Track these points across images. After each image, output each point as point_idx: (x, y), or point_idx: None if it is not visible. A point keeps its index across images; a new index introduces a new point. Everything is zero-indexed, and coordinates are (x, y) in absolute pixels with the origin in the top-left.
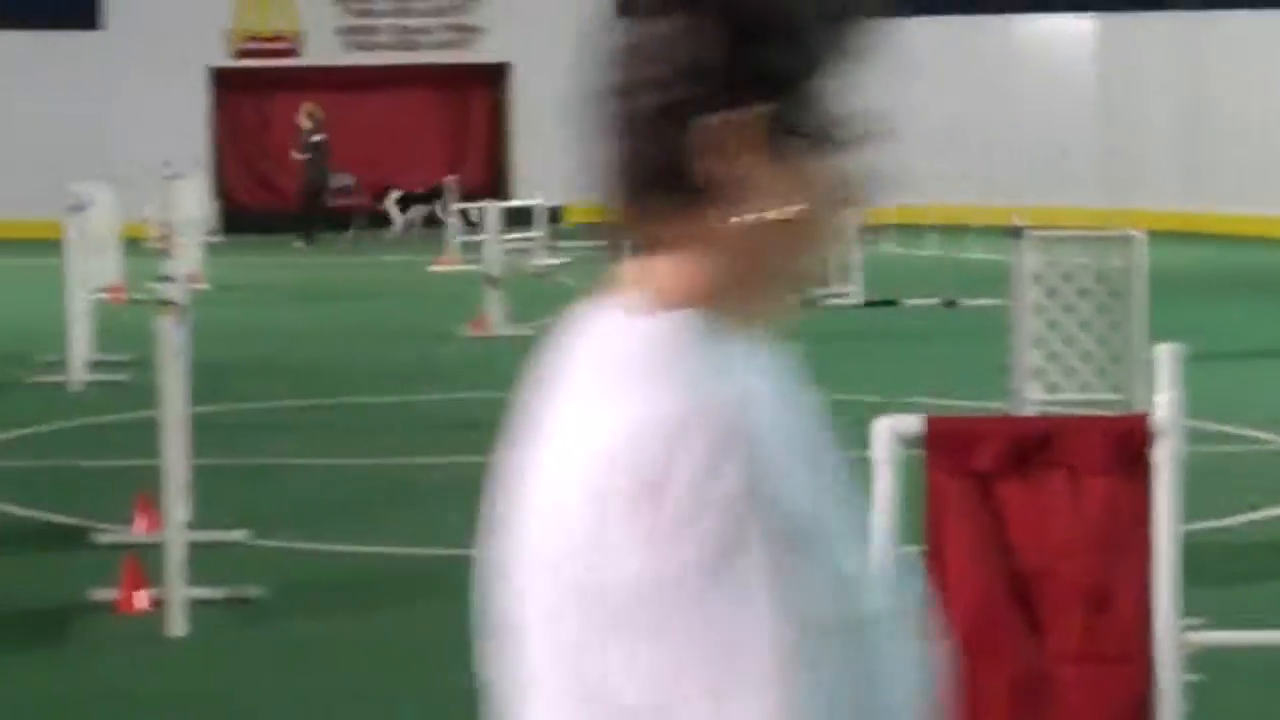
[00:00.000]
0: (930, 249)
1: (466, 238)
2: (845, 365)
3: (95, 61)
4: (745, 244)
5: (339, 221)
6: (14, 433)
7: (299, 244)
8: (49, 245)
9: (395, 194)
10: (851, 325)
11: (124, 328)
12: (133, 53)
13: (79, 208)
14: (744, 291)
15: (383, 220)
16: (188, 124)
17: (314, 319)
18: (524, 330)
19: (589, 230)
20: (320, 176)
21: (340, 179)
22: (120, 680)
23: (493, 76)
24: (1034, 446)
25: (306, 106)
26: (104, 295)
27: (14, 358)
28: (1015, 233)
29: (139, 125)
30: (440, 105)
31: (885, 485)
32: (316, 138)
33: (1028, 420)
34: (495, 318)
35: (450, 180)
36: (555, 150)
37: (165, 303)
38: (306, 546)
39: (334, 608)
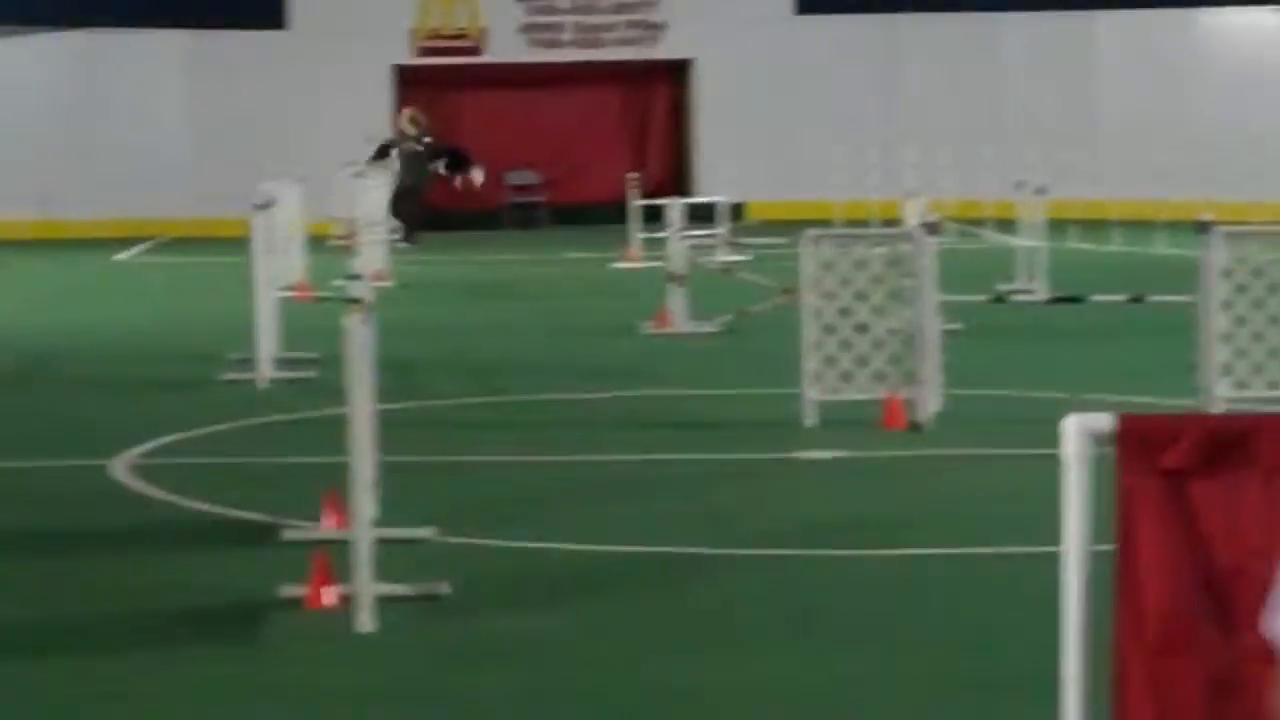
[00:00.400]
0: (1117, 244)
1: (648, 234)
2: (1032, 362)
3: (281, 60)
4: None
5: (521, 218)
6: (204, 430)
7: (402, 244)
8: (238, 244)
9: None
10: (1038, 322)
11: (310, 325)
12: (318, 51)
13: (265, 206)
14: None
15: (565, 216)
16: (374, 123)
17: (498, 316)
18: (706, 327)
19: (771, 227)
20: (420, 179)
21: (525, 175)
22: (308, 676)
23: (675, 73)
24: (1228, 444)
25: (408, 112)
26: (290, 293)
27: (204, 356)
28: (1203, 228)
29: (324, 123)
30: (622, 102)
31: (1076, 483)
32: (426, 140)
33: (1222, 417)
34: (677, 314)
35: (632, 178)
36: (738, 147)
37: (352, 300)
38: (493, 543)
39: (522, 605)
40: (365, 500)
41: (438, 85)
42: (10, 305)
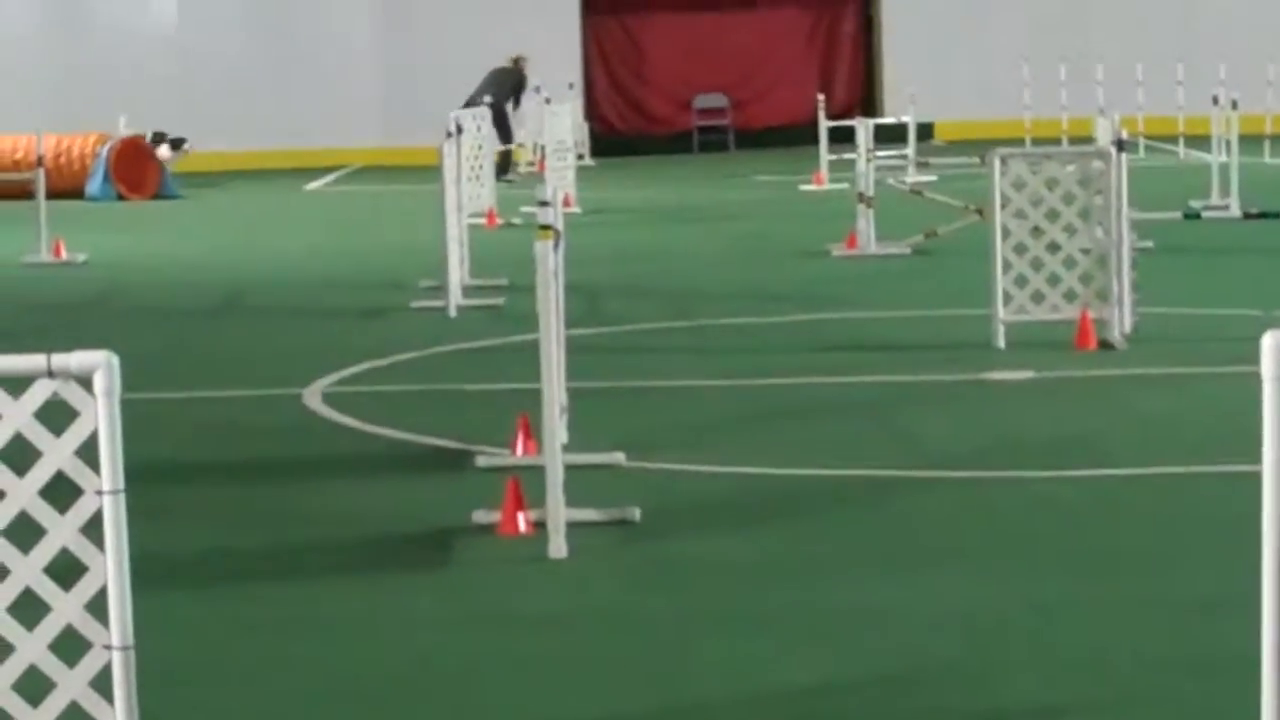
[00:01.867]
0: None
1: (836, 156)
2: (1226, 280)
3: None
4: None
5: (709, 142)
6: (395, 358)
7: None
8: (428, 172)
9: None
10: (1231, 238)
11: (497, 252)
12: None
13: (454, 134)
14: None
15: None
16: (560, 48)
17: (685, 241)
18: (895, 249)
19: (960, 147)
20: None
21: (712, 99)
22: (503, 601)
23: None
24: None
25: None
26: (480, 220)
27: (395, 284)
28: None
29: (513, 50)
30: (809, 22)
31: (1274, 401)
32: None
33: None
34: (866, 236)
35: (820, 99)
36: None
37: (543, 227)
38: (683, 468)
39: (712, 528)
40: (556, 426)
41: (623, 8)
42: (206, 236)
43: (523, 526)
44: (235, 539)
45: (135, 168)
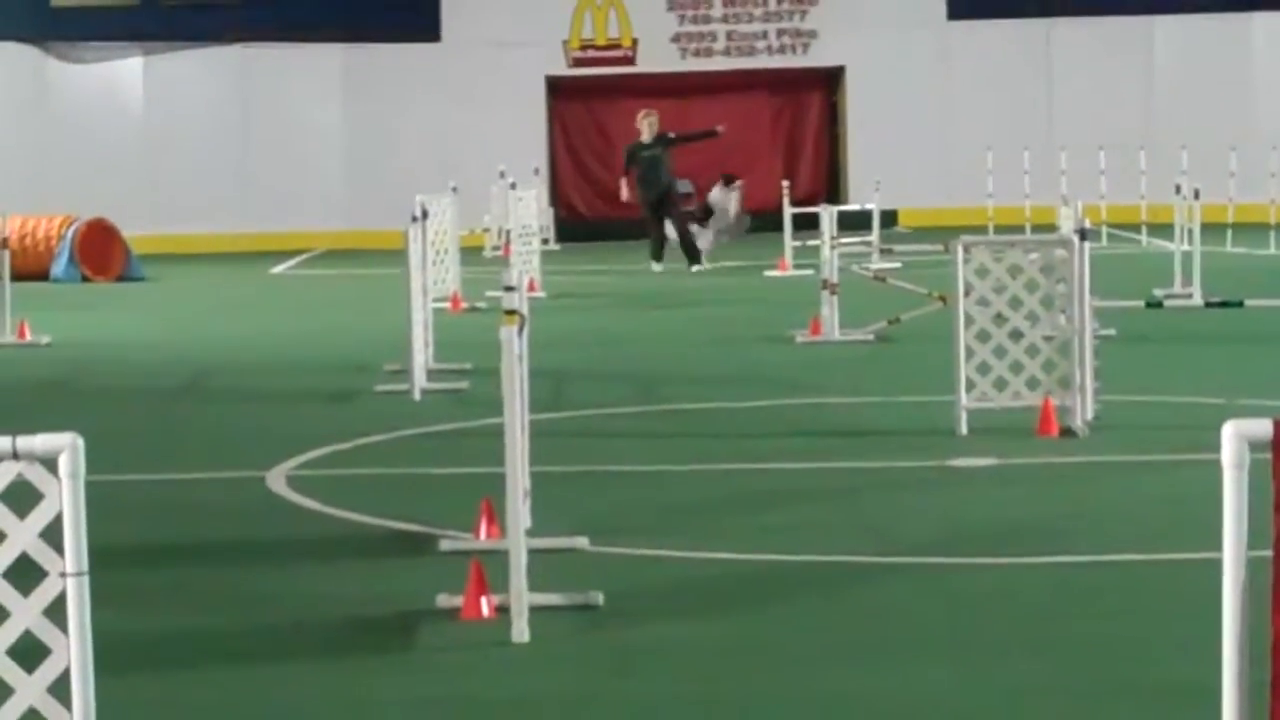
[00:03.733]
0: (1274, 248)
1: (800, 242)
2: (1188, 368)
3: (435, 72)
4: None
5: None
6: (359, 441)
7: (657, 267)
8: (393, 256)
9: None
10: (1194, 327)
11: (463, 337)
12: (472, 63)
13: (420, 218)
14: None
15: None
16: (526, 133)
17: (650, 325)
18: (859, 335)
19: (924, 234)
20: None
21: (680, 185)
22: (465, 685)
23: (827, 80)
24: None
25: (643, 114)
26: (444, 304)
27: (360, 367)
28: None
29: (478, 135)
30: (774, 110)
31: (1234, 489)
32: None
33: None
34: (830, 322)
35: (784, 186)
36: (889, 154)
37: (508, 312)
38: (647, 552)
39: (676, 613)
40: (520, 511)
41: (591, 95)
42: (171, 318)
43: (486, 611)
44: (199, 621)
45: (100, 250)
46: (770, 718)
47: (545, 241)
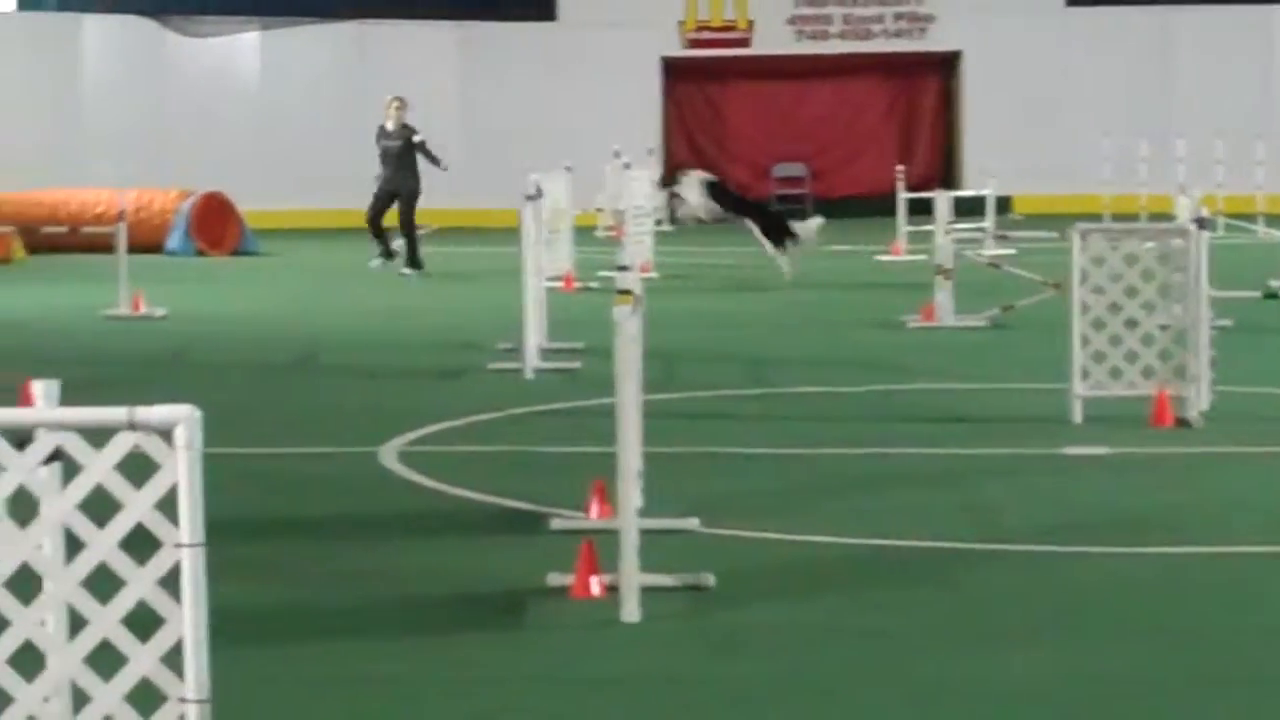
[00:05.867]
0: None
1: (914, 228)
2: None
3: (550, 51)
4: None
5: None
6: (471, 419)
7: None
8: (506, 234)
9: None
10: None
11: (575, 315)
12: (587, 42)
13: (535, 197)
14: None
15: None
16: (641, 113)
17: (762, 308)
18: (972, 321)
19: (1038, 221)
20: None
21: (791, 168)
22: (574, 664)
23: (942, 65)
24: None
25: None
26: (557, 283)
27: (473, 346)
28: None
29: (593, 115)
30: (889, 94)
31: None
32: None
33: None
34: (943, 308)
35: (899, 171)
36: (1005, 140)
37: (622, 292)
38: (758, 535)
39: (785, 595)
40: (632, 491)
41: (705, 77)
42: (285, 293)
43: (596, 590)
44: (310, 595)
45: (215, 224)
46: (875, 702)
47: (659, 223)
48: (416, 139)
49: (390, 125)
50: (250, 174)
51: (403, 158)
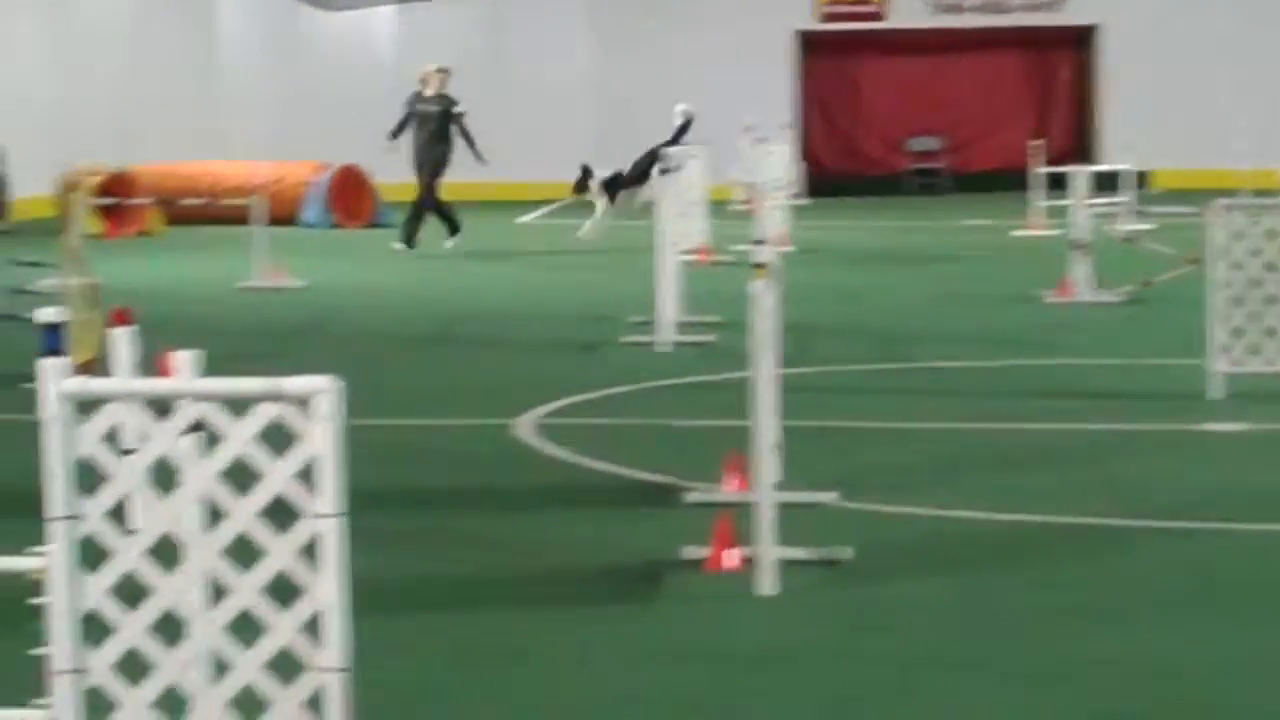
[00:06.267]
0: None
1: (1050, 202)
2: None
3: (684, 25)
4: None
5: (922, 184)
6: (606, 391)
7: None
8: (642, 207)
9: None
10: None
11: (709, 289)
12: (721, 16)
13: (670, 170)
14: None
15: (966, 182)
16: (775, 88)
17: (896, 282)
18: (1109, 296)
19: (1176, 196)
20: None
21: (926, 142)
22: (710, 637)
23: (1079, 39)
24: None
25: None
26: (691, 257)
27: (607, 319)
28: None
29: (727, 88)
30: (1025, 68)
31: None
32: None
33: None
34: (1080, 283)
35: (1035, 145)
36: (1143, 114)
37: (758, 265)
38: (893, 509)
39: (921, 570)
40: (768, 464)
41: (839, 51)
42: (420, 265)
43: (731, 563)
44: (448, 566)
45: (352, 196)
46: (1012, 677)
47: (794, 196)
48: (457, 109)
49: (429, 92)
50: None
51: (440, 127)
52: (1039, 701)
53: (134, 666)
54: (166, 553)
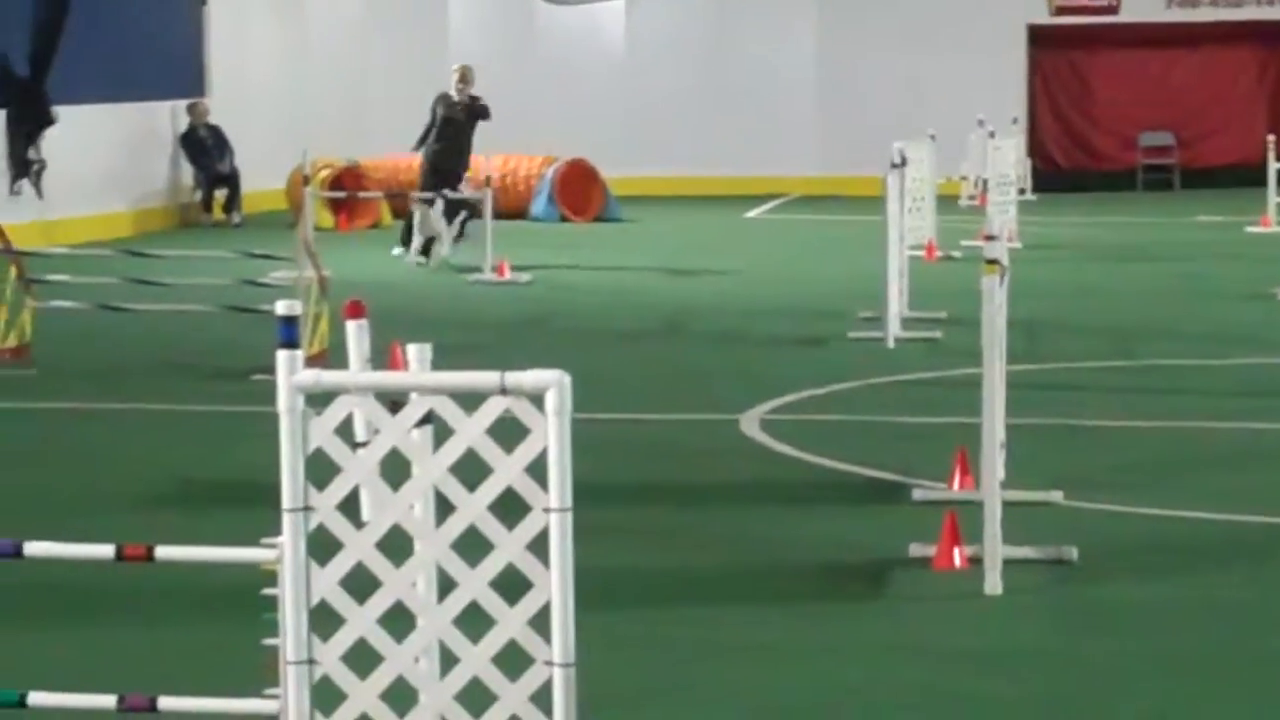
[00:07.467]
0: None
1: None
2: None
3: (914, 17)
4: None
5: (1154, 180)
6: (832, 387)
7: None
8: (863, 202)
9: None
10: None
11: (936, 285)
12: (953, 8)
13: (899, 165)
14: None
15: (1198, 178)
16: (1005, 81)
17: (1125, 279)
18: None
19: None
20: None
21: (1158, 137)
22: (936, 634)
23: None
24: None
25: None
26: (919, 252)
27: (834, 314)
28: None
29: (955, 82)
30: (1261, 63)
31: None
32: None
33: None
34: None
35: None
36: None
37: (989, 261)
38: (1121, 509)
39: (1148, 571)
40: (996, 462)
41: (1071, 44)
42: (647, 260)
43: (958, 562)
44: (674, 560)
45: (579, 190)
46: (1237, 677)
47: (1022, 192)
48: (481, 103)
49: (456, 95)
50: (614, 141)
51: (467, 130)
52: (1261, 705)
53: (363, 658)
54: (396, 545)
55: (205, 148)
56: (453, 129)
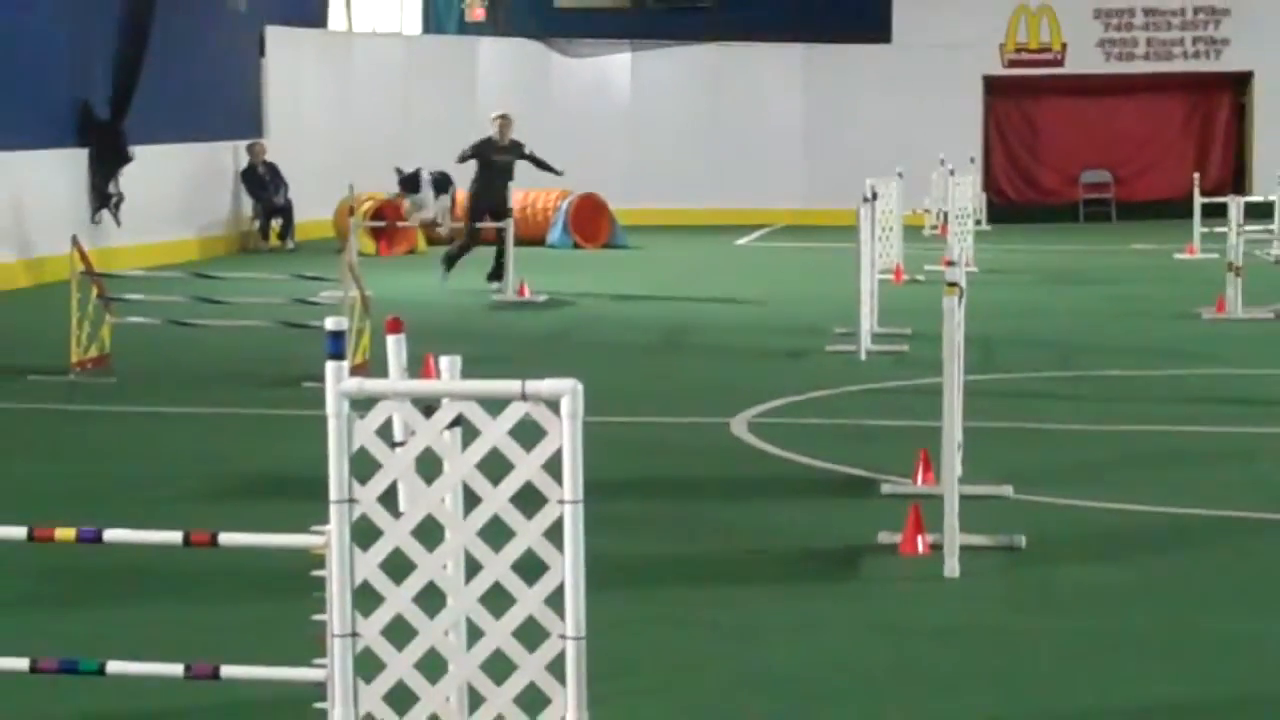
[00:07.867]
0: None
1: (1208, 229)
2: None
3: (885, 70)
4: None
5: (1093, 213)
6: (811, 394)
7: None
8: (845, 231)
9: None
10: None
11: (902, 304)
12: (918, 62)
13: (870, 200)
14: None
15: (1133, 211)
16: (964, 125)
17: (1070, 300)
18: (1261, 314)
19: None
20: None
21: (1097, 174)
22: (901, 612)
23: (1236, 84)
24: None
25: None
26: (888, 275)
27: (814, 329)
28: None
29: (922, 126)
30: (1187, 109)
31: None
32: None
33: None
34: (1233, 301)
35: (1195, 178)
36: None
37: (950, 284)
38: (1065, 502)
39: (1090, 557)
40: (954, 460)
41: (1022, 93)
42: (650, 282)
43: (921, 548)
44: (671, 547)
45: (591, 220)
46: (1172, 653)
47: (978, 222)
48: (528, 150)
49: (499, 139)
50: (621, 178)
51: (509, 172)
52: (1194, 676)
53: (399, 632)
54: (429, 533)
55: (263, 182)
56: (493, 170)
